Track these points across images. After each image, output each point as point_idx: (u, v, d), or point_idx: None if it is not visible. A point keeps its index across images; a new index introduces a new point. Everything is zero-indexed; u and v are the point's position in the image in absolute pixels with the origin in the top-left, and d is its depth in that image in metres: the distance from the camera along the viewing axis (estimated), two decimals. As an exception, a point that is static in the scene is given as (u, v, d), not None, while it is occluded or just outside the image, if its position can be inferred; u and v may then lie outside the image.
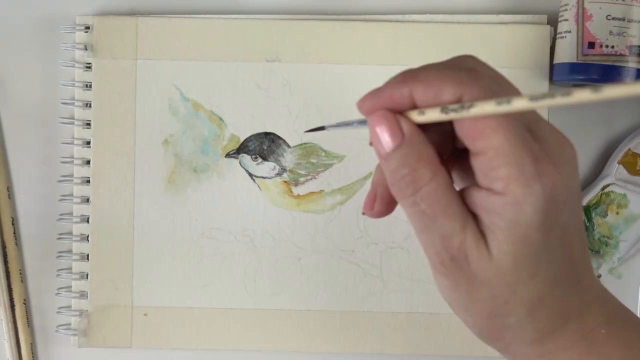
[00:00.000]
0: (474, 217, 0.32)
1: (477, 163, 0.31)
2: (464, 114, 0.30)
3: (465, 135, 0.31)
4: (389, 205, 0.36)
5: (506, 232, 0.31)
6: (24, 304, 0.50)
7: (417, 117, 0.32)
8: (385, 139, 0.33)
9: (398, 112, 0.33)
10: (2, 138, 0.50)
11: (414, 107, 0.32)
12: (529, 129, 0.32)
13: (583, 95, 0.25)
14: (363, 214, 0.36)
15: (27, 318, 0.50)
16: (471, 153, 0.31)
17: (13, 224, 0.50)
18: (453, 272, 0.33)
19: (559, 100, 0.26)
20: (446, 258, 0.33)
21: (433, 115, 0.31)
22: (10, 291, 0.50)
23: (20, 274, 0.50)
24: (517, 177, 0.30)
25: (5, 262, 0.50)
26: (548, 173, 0.30)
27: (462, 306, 0.34)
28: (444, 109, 0.31)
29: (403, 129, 0.33)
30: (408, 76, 0.32)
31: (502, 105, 0.29)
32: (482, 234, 0.32)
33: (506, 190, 0.31)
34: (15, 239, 0.50)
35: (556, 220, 0.31)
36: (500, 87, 0.31)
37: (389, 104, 0.33)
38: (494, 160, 0.31)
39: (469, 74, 0.31)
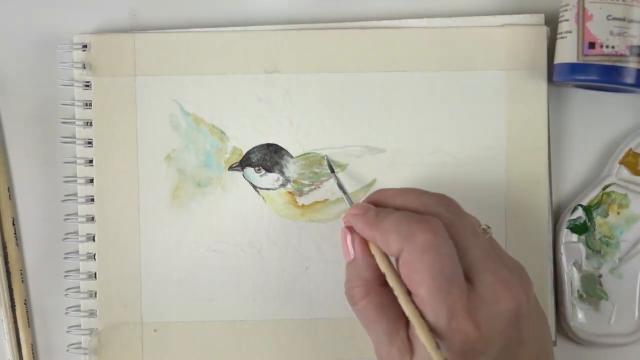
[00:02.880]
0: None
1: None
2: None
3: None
4: None
5: None
6: (25, 304, 0.50)
7: (374, 249, 0.40)
8: (345, 250, 0.41)
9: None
10: (5, 147, 0.50)
11: None
12: (468, 278, 0.36)
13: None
14: None
15: (28, 318, 0.50)
16: None
17: (14, 224, 0.50)
18: None
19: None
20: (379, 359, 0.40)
21: (380, 260, 0.39)
22: (11, 291, 0.50)
23: (21, 274, 0.50)
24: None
25: (6, 262, 0.50)
26: (462, 329, 0.35)
27: None
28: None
29: (355, 250, 0.39)
30: (375, 221, 0.39)
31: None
32: (411, 348, 0.37)
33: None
34: (16, 239, 0.50)
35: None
36: (443, 242, 0.36)
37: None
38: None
39: (412, 228, 0.36)
